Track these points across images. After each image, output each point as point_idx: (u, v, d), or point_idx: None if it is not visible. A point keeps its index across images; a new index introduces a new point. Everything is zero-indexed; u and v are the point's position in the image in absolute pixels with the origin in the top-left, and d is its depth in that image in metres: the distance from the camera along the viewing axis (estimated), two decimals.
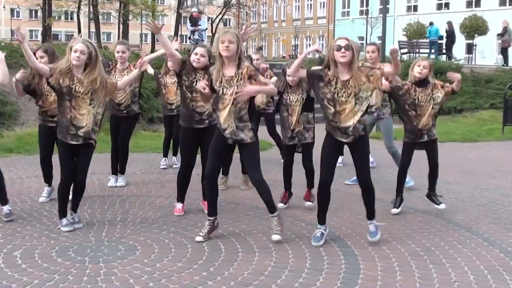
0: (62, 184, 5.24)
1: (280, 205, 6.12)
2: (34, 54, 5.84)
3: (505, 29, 21.82)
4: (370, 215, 5.09)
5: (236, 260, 4.60)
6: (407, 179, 6.88)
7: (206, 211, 5.44)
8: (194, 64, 5.54)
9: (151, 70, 7.75)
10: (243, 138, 4.96)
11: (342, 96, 4.77)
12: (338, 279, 4.27)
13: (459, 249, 4.98)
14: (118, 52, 6.83)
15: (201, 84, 4.94)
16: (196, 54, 5.53)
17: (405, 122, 6.04)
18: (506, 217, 6.08)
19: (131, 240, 5.03)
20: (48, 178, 6.38)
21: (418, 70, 5.89)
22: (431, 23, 23.83)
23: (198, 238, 5.02)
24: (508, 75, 16.71)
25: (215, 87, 4.94)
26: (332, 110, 4.83)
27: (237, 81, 4.88)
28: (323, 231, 5.08)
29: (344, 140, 4.90)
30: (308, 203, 6.16)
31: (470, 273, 4.44)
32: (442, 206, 6.08)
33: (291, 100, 6.01)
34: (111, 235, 5.18)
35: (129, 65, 6.92)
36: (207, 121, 5.65)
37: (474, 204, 6.59)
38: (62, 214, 5.30)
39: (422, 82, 5.90)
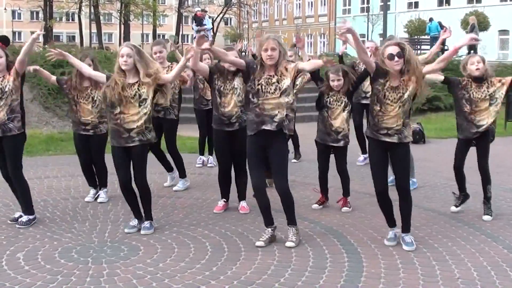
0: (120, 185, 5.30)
1: (315, 206, 6.18)
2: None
3: (473, 26, 21.63)
4: (406, 228, 4.96)
5: (239, 259, 4.60)
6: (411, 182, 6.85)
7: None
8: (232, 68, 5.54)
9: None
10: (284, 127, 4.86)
11: (389, 99, 4.72)
12: (341, 277, 4.27)
13: (462, 246, 4.97)
14: (155, 53, 6.62)
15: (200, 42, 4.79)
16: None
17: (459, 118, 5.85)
18: (510, 213, 6.06)
19: (133, 241, 5.03)
20: (92, 182, 6.44)
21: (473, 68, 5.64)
22: (430, 19, 23.66)
23: (259, 243, 4.93)
24: (510, 70, 16.65)
25: (253, 83, 4.84)
26: (378, 108, 4.78)
27: (277, 81, 4.81)
28: (395, 233, 5.03)
29: (387, 140, 4.80)
30: (345, 208, 6.08)
31: (473, 269, 4.43)
32: (486, 218, 5.79)
33: (331, 102, 5.96)
34: (114, 235, 5.18)
35: (170, 64, 6.71)
36: (236, 124, 5.71)
37: (477, 200, 6.56)
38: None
39: (478, 78, 5.68)
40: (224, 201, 6.04)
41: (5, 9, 54.47)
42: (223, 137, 5.78)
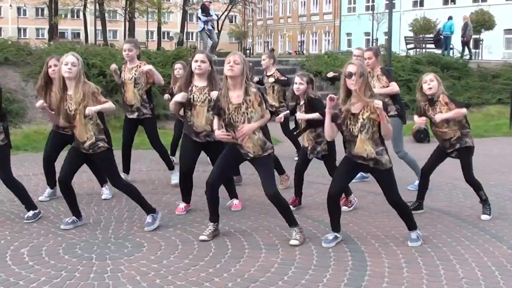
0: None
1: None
2: (47, 63, 5.92)
3: (466, 25, 21.46)
4: (410, 227, 4.97)
5: (243, 257, 4.61)
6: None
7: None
8: (196, 71, 5.43)
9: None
10: (262, 154, 4.89)
11: (354, 129, 4.67)
12: (345, 275, 4.26)
13: (467, 246, 4.96)
14: (124, 51, 6.72)
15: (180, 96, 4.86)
16: (196, 61, 5.41)
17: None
18: None
19: (137, 237, 5.04)
20: (51, 181, 6.37)
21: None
22: (450, 18, 23.09)
23: (202, 237, 4.97)
24: None
25: (222, 114, 4.84)
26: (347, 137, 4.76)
27: (246, 108, 4.75)
28: (336, 236, 4.97)
29: (363, 162, 4.77)
30: (344, 207, 5.91)
31: (477, 269, 4.42)
32: (484, 217, 5.74)
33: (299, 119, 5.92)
34: (118, 232, 5.19)
35: (139, 63, 6.72)
36: (205, 140, 5.61)
37: None
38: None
39: (431, 100, 5.62)
40: (185, 204, 5.92)
41: (10, 5, 54.69)
42: (191, 144, 5.64)
